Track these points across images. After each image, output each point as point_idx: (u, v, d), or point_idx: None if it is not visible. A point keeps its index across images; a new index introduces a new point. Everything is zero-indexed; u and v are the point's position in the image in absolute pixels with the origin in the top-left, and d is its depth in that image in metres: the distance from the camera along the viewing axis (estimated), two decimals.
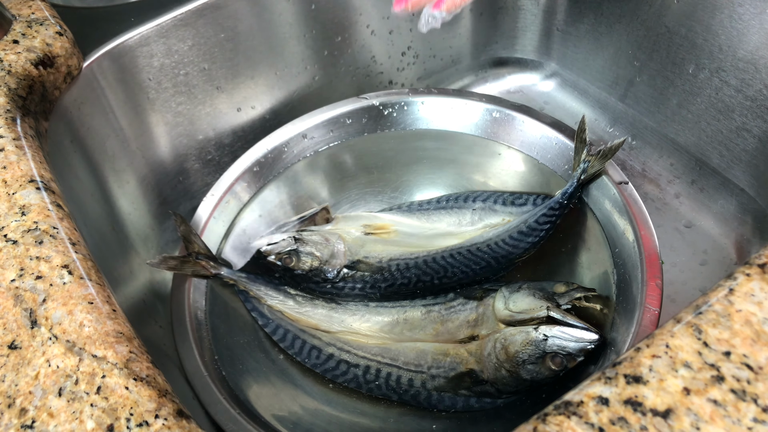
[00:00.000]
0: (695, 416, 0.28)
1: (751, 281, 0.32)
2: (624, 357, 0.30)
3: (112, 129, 0.60)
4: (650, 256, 0.51)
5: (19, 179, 0.42)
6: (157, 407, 0.31)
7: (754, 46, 0.58)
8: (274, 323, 0.56)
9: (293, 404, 0.51)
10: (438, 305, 0.56)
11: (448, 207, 0.62)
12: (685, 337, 0.31)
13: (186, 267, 0.56)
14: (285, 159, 0.66)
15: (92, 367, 0.32)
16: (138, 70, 0.60)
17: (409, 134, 0.68)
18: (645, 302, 0.49)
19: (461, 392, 0.51)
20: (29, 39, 0.52)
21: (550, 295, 0.52)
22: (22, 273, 0.36)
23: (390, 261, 0.58)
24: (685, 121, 0.69)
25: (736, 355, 0.30)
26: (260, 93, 0.70)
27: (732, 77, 0.62)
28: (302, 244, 0.58)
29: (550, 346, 0.49)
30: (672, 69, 0.68)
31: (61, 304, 0.35)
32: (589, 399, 0.29)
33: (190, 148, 0.69)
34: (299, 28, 0.68)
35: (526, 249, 0.57)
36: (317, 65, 0.73)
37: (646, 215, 0.54)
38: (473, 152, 0.66)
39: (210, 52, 0.64)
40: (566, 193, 0.57)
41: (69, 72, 0.54)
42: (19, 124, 0.46)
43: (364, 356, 0.53)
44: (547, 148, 0.63)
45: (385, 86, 0.80)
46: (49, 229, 0.39)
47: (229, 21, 0.63)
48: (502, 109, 0.65)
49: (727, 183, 0.67)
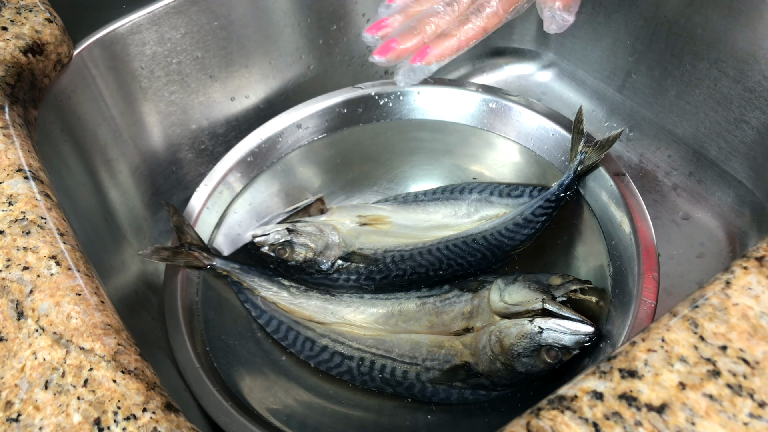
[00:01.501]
0: (690, 411, 0.27)
1: (749, 274, 0.32)
2: (619, 351, 0.30)
3: (103, 118, 0.60)
4: (647, 248, 0.51)
5: (7, 168, 0.41)
6: (145, 400, 0.30)
7: (753, 37, 0.58)
8: (268, 315, 0.55)
9: (286, 396, 0.51)
10: (433, 297, 0.55)
11: (443, 198, 0.62)
12: (681, 331, 0.30)
13: (179, 258, 0.55)
14: (279, 149, 0.65)
15: (79, 359, 0.32)
16: (130, 58, 0.59)
17: (404, 124, 0.67)
18: (641, 295, 0.48)
19: (456, 384, 0.50)
20: (18, 26, 0.51)
21: (546, 288, 0.52)
22: (9, 264, 0.36)
23: (385, 252, 0.57)
24: (683, 113, 0.69)
25: (732, 350, 0.29)
26: (254, 82, 0.70)
27: (731, 68, 0.61)
28: (296, 235, 0.57)
29: (546, 338, 0.48)
30: (670, 60, 0.67)
31: (49, 296, 0.34)
32: (584, 393, 0.28)
33: (183, 138, 0.68)
34: (294, 16, 0.68)
35: (522, 241, 0.57)
36: (312, 54, 0.72)
37: (643, 207, 0.54)
38: (469, 143, 0.66)
39: (203, 41, 0.63)
40: (563, 185, 0.57)
41: (59, 60, 0.53)
42: (7, 113, 0.45)
43: (358, 348, 0.53)
44: (543, 139, 0.63)
45: (381, 76, 0.80)
46: (37, 219, 0.38)
47: (223, 9, 0.62)
48: (499, 99, 0.64)
49: (725, 175, 0.67)
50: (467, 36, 0.47)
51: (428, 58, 0.46)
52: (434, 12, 0.47)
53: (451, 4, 0.48)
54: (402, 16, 0.49)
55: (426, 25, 0.47)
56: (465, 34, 0.47)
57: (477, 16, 0.47)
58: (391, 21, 0.49)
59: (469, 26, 0.47)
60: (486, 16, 0.47)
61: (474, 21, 0.47)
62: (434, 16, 0.47)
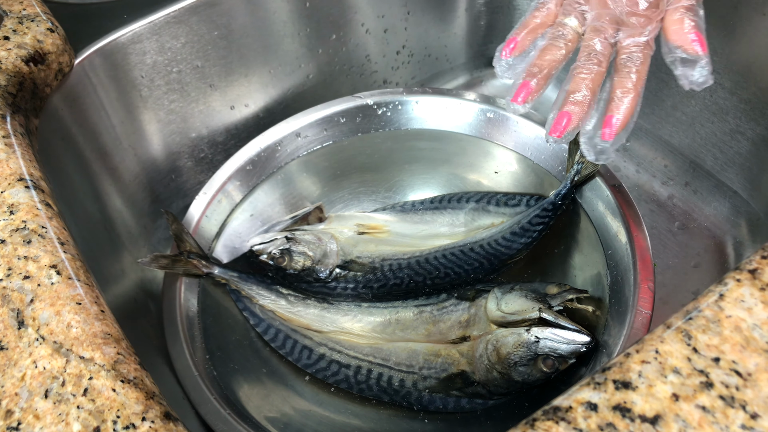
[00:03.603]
0: (683, 422, 0.28)
1: (742, 287, 0.32)
2: (613, 362, 0.30)
3: (103, 127, 0.60)
4: (643, 258, 0.51)
5: (8, 177, 0.42)
6: (144, 409, 0.31)
7: (749, 50, 0.58)
8: (266, 323, 0.55)
9: (284, 405, 0.51)
10: (430, 306, 0.56)
11: (441, 207, 0.62)
12: (674, 343, 0.30)
13: (178, 266, 0.55)
14: (278, 158, 0.65)
15: (79, 368, 0.32)
16: (130, 67, 0.60)
17: (403, 134, 0.68)
18: (637, 305, 0.49)
19: (452, 393, 0.51)
20: (20, 35, 0.52)
21: (543, 297, 0.52)
22: (10, 273, 0.36)
23: (383, 261, 0.58)
24: (680, 123, 0.69)
25: (725, 362, 0.30)
26: (254, 91, 0.70)
27: (726, 80, 0.62)
28: (295, 244, 0.57)
29: (542, 348, 0.48)
30: (666, 71, 0.67)
31: (49, 305, 0.35)
32: (578, 404, 0.29)
33: (182, 146, 0.69)
34: (293, 26, 0.68)
35: (519, 250, 0.57)
36: (311, 63, 0.72)
37: (640, 217, 0.54)
38: (467, 152, 0.66)
39: (203, 50, 0.64)
40: (559, 194, 0.57)
41: (60, 69, 0.54)
42: (8, 122, 0.46)
43: (355, 356, 0.53)
44: (541, 148, 0.63)
45: (379, 85, 0.80)
46: (38, 229, 0.39)
47: (223, 18, 0.63)
48: (497, 109, 0.65)
49: (721, 185, 0.67)
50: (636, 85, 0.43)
51: (616, 127, 0.43)
52: (580, 67, 0.44)
53: (591, 57, 0.44)
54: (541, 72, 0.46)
55: (583, 86, 0.44)
56: (632, 84, 0.43)
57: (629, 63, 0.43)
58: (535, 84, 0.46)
59: (631, 76, 0.43)
60: (640, 62, 0.43)
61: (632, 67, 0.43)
62: (586, 72, 0.44)
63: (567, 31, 0.46)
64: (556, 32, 0.47)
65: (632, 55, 0.44)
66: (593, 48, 0.45)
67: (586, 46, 0.45)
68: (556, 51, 0.46)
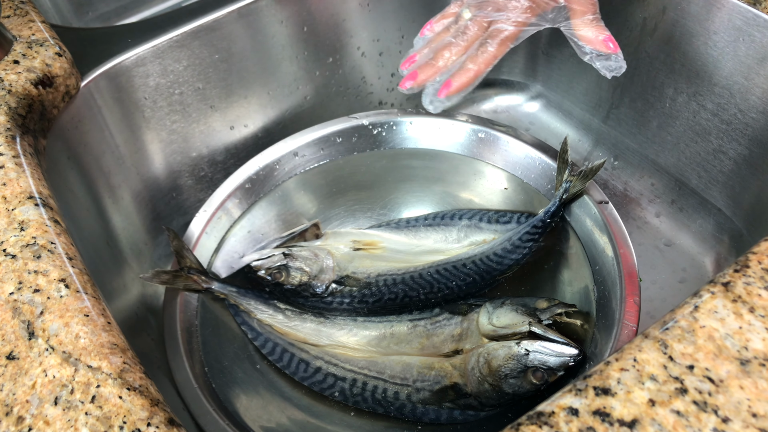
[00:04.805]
0: (659, 426, 0.29)
1: (715, 299, 0.34)
2: (594, 370, 0.32)
3: (108, 146, 0.62)
4: (629, 273, 0.53)
5: (18, 196, 0.43)
6: (149, 416, 0.32)
7: (729, 72, 0.61)
8: (264, 337, 0.57)
9: (281, 416, 0.53)
10: (424, 320, 0.57)
11: (435, 224, 0.64)
12: (651, 352, 0.32)
13: (178, 281, 0.57)
14: (276, 176, 0.67)
15: (87, 377, 0.34)
16: (134, 89, 0.62)
17: (397, 153, 0.70)
18: (623, 318, 0.50)
19: (445, 405, 0.52)
20: (29, 59, 0.54)
21: (533, 311, 0.54)
22: (21, 286, 0.38)
23: (378, 276, 0.59)
24: (665, 143, 0.71)
25: (698, 369, 0.31)
26: (253, 112, 0.72)
27: (708, 101, 0.64)
28: (292, 260, 0.59)
29: (532, 360, 0.50)
30: (652, 92, 0.70)
31: (58, 317, 0.36)
32: (560, 410, 0.30)
33: (183, 165, 0.70)
34: (292, 49, 0.70)
35: (510, 265, 0.59)
36: (309, 85, 0.75)
37: (626, 234, 0.56)
38: (459, 171, 0.68)
39: (204, 72, 0.66)
40: (549, 212, 0.59)
41: (67, 91, 0.56)
42: (18, 142, 0.48)
43: (351, 369, 0.55)
44: (530, 168, 0.65)
45: (375, 106, 0.82)
46: (47, 244, 0.40)
47: (224, 42, 0.65)
48: (488, 129, 0.67)
49: (705, 203, 0.70)
50: (481, 63, 0.54)
51: (451, 89, 0.54)
52: (448, 43, 0.55)
53: (460, 35, 0.55)
54: (428, 49, 0.57)
55: (441, 56, 0.55)
56: (479, 62, 0.54)
57: (487, 44, 0.54)
58: (419, 56, 0.57)
59: (483, 56, 0.54)
60: (496, 44, 0.54)
61: (488, 49, 0.54)
62: (448, 46, 0.55)
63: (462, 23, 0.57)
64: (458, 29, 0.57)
65: (495, 38, 0.54)
66: (467, 29, 0.55)
67: (462, 26, 0.56)
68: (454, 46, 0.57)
